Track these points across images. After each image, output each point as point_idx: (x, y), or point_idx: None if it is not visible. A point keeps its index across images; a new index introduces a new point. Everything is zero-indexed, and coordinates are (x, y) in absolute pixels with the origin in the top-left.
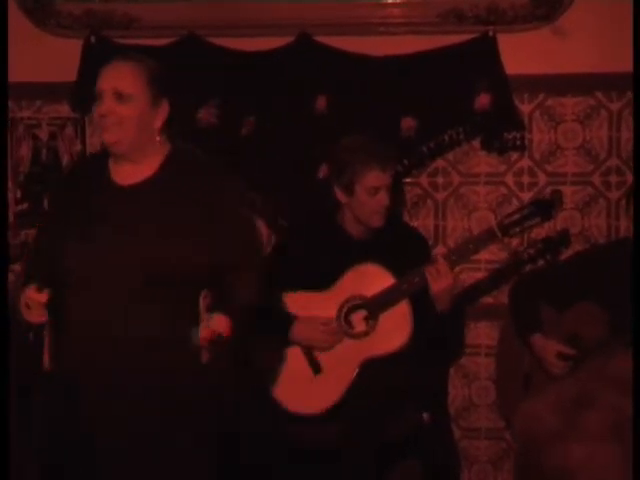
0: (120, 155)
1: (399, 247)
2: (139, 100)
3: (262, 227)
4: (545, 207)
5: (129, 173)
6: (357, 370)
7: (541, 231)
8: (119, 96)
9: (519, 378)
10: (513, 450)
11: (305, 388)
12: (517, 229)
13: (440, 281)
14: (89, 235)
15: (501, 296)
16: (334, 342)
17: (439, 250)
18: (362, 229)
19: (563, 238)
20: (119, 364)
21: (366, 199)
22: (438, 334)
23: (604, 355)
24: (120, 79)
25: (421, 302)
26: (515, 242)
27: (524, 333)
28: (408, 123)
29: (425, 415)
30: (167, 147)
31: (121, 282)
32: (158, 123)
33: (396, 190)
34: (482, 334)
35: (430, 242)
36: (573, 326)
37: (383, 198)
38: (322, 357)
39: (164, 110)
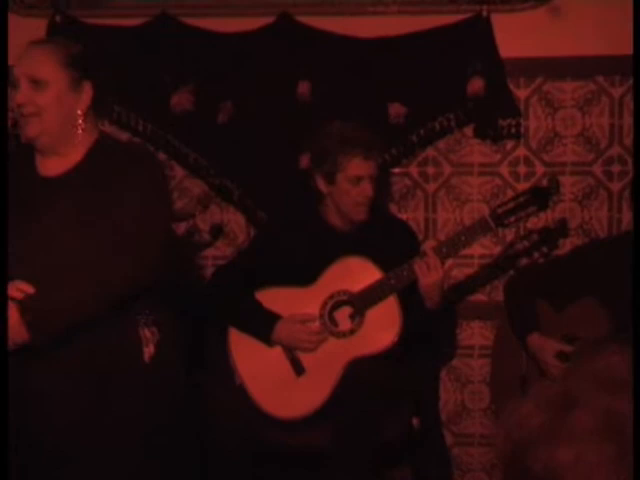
0: (43, 148)
1: (386, 240)
2: (56, 85)
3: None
4: (541, 195)
5: (54, 164)
6: (343, 371)
7: (538, 222)
8: (35, 83)
9: (515, 381)
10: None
11: (287, 391)
12: (512, 218)
13: (429, 275)
14: (23, 232)
15: (495, 293)
16: (317, 342)
17: (429, 244)
18: (345, 222)
19: (561, 228)
20: (58, 362)
21: (348, 189)
22: (427, 332)
23: (594, 352)
24: (34, 64)
25: (411, 298)
26: (509, 236)
27: (520, 332)
28: (396, 109)
29: (415, 420)
30: (94, 134)
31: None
32: (81, 108)
33: (383, 181)
34: (476, 334)
35: (420, 236)
36: (572, 324)
37: (367, 188)
38: (305, 358)
39: (87, 94)
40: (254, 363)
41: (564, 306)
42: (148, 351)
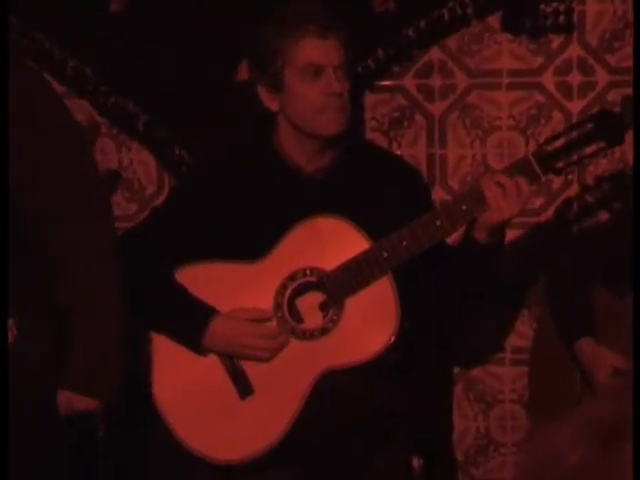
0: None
1: (375, 187)
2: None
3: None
4: (610, 124)
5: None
6: (310, 390)
7: (604, 165)
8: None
9: (566, 401)
10: None
11: (227, 421)
12: (566, 161)
13: (506, 204)
14: None
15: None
16: (272, 348)
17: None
18: (312, 152)
19: None
20: None
21: (303, 88)
22: (446, 316)
23: None
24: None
25: (412, 278)
26: (559, 183)
27: (566, 334)
28: None
29: (416, 461)
30: None
31: None
32: None
33: (364, 100)
34: None
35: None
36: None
37: (331, 81)
38: (254, 371)
39: None
40: (177, 379)
41: (625, 291)
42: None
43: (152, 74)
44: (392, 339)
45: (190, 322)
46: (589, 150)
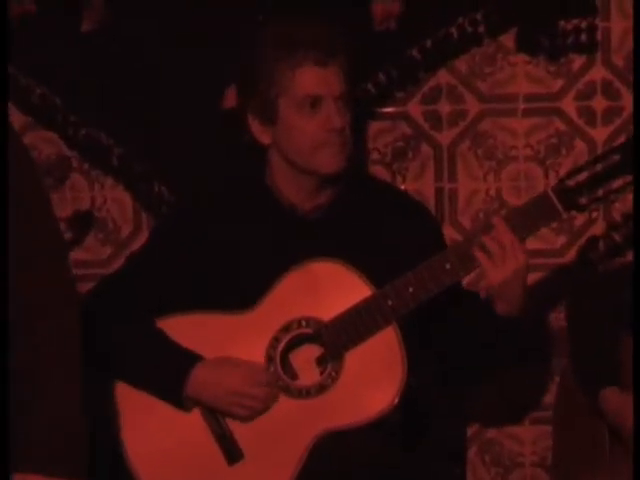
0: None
1: (378, 228)
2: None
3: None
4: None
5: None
6: (306, 453)
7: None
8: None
9: (595, 462)
10: None
11: None
12: (590, 196)
13: (504, 264)
14: None
15: (558, 319)
16: (262, 405)
17: (451, 234)
18: (308, 191)
19: None
20: None
21: (300, 121)
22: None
23: None
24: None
25: (420, 327)
26: (582, 219)
27: (589, 384)
28: (386, 7)
29: None
30: None
31: None
32: None
33: (365, 128)
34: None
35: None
36: None
37: (331, 114)
38: (242, 432)
39: None
40: (155, 440)
41: None
42: None
43: (127, 102)
44: (396, 400)
45: (171, 368)
46: (616, 185)
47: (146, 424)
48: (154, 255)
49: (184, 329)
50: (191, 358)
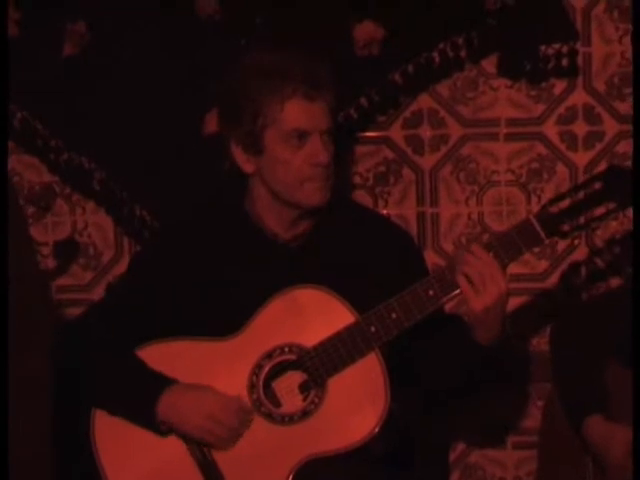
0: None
1: (360, 255)
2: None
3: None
4: (621, 182)
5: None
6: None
7: (614, 226)
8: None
9: None
10: None
11: None
12: (572, 224)
13: (486, 291)
14: None
15: (540, 343)
16: (231, 433)
17: (432, 259)
18: (290, 220)
19: None
20: None
21: (286, 154)
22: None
23: None
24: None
25: (404, 349)
26: (564, 244)
27: (573, 412)
28: (368, 31)
29: None
30: None
31: None
32: None
33: (347, 153)
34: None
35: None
36: None
37: (317, 149)
38: (225, 460)
39: None
40: (136, 469)
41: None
42: None
43: (109, 126)
44: (379, 426)
45: (143, 392)
46: (598, 212)
47: (127, 451)
48: (134, 282)
49: (165, 357)
50: (163, 382)
